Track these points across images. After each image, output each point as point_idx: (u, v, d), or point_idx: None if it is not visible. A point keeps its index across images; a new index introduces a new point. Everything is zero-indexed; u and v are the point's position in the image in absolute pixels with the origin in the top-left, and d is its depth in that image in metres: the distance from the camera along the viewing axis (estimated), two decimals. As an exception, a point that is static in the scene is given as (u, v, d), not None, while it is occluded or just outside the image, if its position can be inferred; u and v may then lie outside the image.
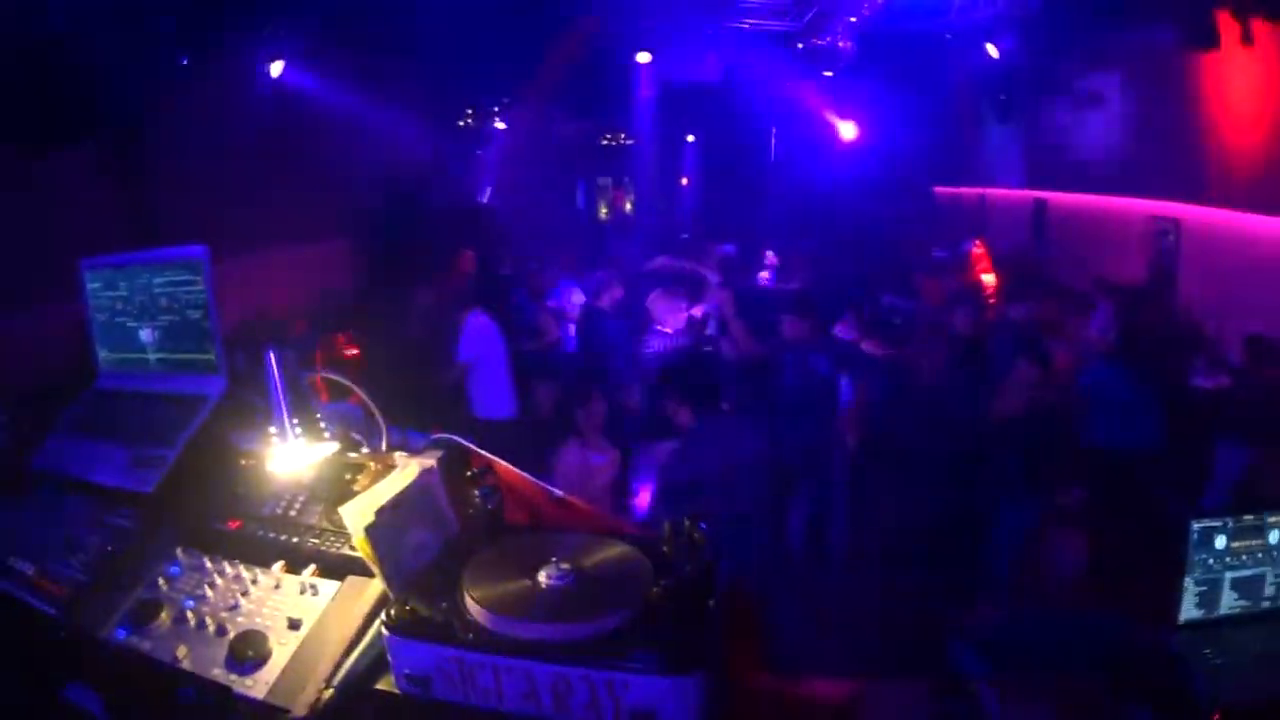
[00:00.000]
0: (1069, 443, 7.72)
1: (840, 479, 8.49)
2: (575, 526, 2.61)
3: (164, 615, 2.57)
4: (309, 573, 2.59)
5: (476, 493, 2.42)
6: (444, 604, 2.15)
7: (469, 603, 2.14)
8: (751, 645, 2.70)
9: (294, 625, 2.43)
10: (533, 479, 2.73)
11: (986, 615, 5.07)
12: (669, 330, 9.61)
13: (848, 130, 22.17)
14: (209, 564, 2.70)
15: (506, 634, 2.06)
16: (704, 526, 2.34)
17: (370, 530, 2.22)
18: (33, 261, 7.61)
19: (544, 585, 2.19)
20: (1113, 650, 3.31)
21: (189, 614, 2.54)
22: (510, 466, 2.73)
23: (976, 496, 7.33)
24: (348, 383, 2.84)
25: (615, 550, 2.33)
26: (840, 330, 9.53)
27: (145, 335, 3.38)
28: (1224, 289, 11.84)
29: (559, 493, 2.70)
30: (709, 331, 10.58)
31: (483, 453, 2.67)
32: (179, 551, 2.78)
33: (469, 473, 2.48)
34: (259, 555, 2.71)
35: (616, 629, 2.07)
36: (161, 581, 2.70)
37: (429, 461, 2.59)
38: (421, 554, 2.36)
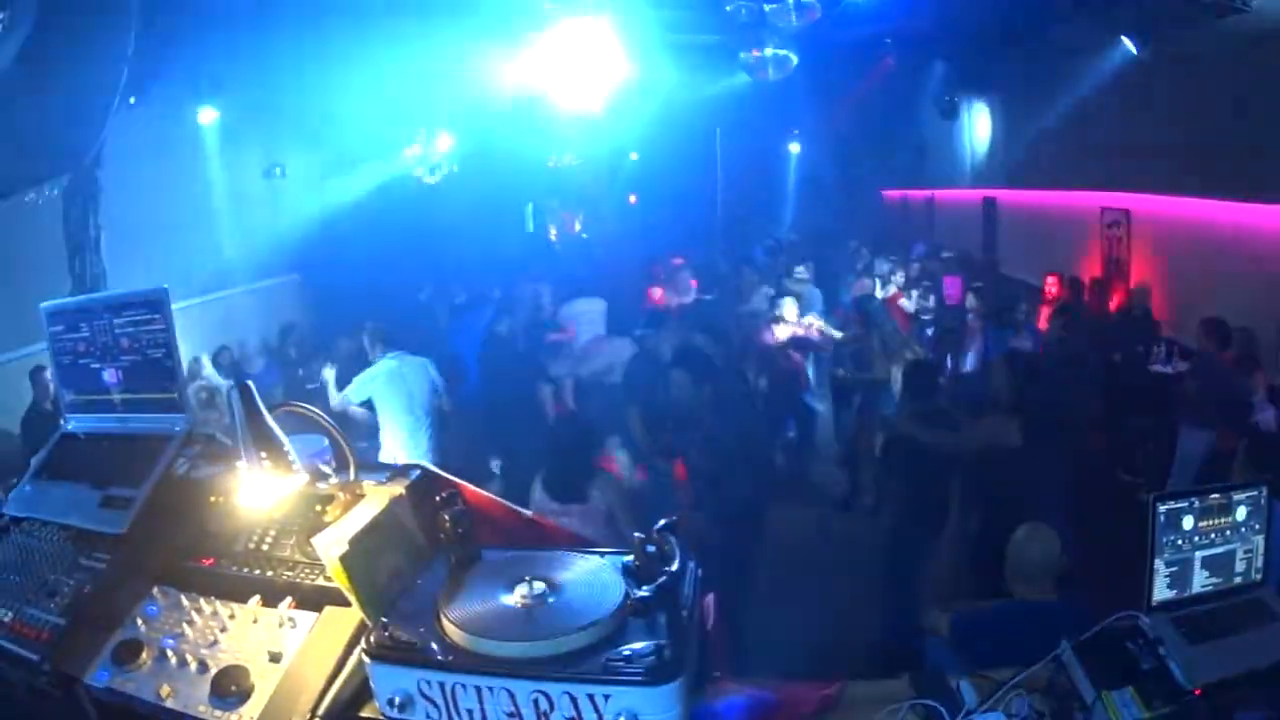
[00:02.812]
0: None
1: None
2: (546, 545, 2.65)
3: (145, 655, 2.59)
4: (286, 605, 2.62)
5: (446, 517, 2.45)
6: (422, 628, 2.18)
7: (447, 625, 2.18)
8: (726, 651, 2.74)
9: (275, 658, 2.46)
10: (501, 501, 2.77)
11: (960, 610, 5.09)
12: None
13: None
14: (186, 602, 2.72)
15: (486, 654, 2.10)
16: (673, 539, 2.39)
17: (345, 559, 2.25)
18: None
19: (520, 604, 2.23)
20: (1087, 636, 3.28)
21: (169, 653, 2.57)
22: (478, 490, 2.76)
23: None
24: (315, 413, 2.86)
25: (587, 565, 2.38)
26: None
27: (109, 376, 3.39)
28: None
29: (528, 513, 2.75)
30: None
31: (449, 477, 2.70)
32: (155, 591, 2.81)
33: (438, 497, 2.51)
34: (235, 591, 2.73)
35: (594, 642, 2.12)
36: (140, 621, 2.72)
37: (398, 489, 2.62)
38: (396, 580, 2.40)
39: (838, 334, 11.39)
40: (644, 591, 2.21)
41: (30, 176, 8.39)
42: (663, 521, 2.42)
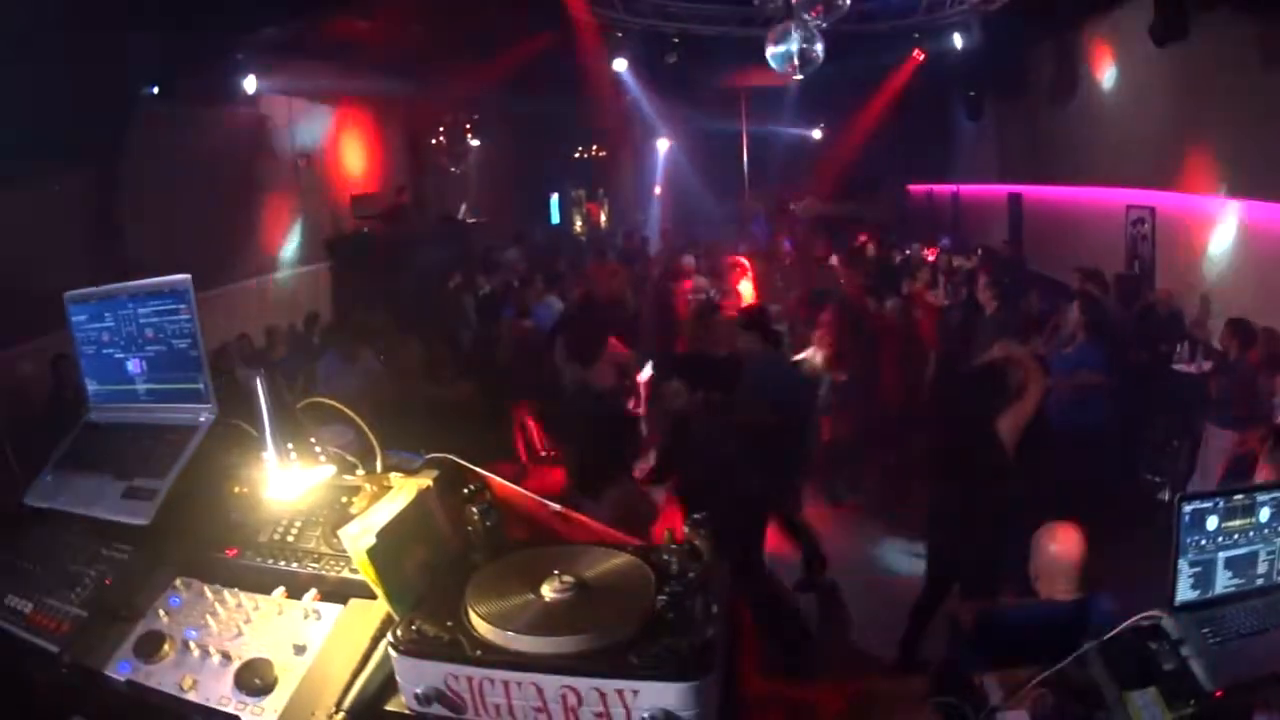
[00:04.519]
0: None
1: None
2: (575, 539, 2.61)
3: (167, 647, 2.56)
4: (310, 597, 2.59)
5: (474, 510, 2.42)
6: (449, 622, 2.15)
7: (474, 619, 2.14)
8: (754, 647, 2.71)
9: (299, 651, 2.42)
10: (529, 494, 2.73)
11: (983, 608, 5.07)
12: None
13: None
14: (209, 593, 2.69)
15: (514, 649, 2.06)
16: (705, 534, 2.35)
17: (372, 552, 2.22)
18: (11, 296, 7.57)
19: (548, 598, 2.19)
20: (1110, 636, 3.28)
21: (192, 645, 2.54)
22: (506, 483, 2.73)
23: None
24: (338, 405, 2.83)
25: (617, 560, 2.34)
26: None
27: (133, 366, 3.37)
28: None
29: (556, 506, 2.70)
30: None
31: (478, 470, 2.67)
32: (178, 582, 2.78)
33: (466, 490, 2.48)
34: (259, 582, 2.70)
35: (623, 638, 2.08)
36: (162, 613, 2.70)
37: (425, 481, 2.59)
38: (423, 573, 2.36)
39: None
40: (676, 587, 2.17)
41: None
42: (695, 516, 2.38)
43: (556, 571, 2.23)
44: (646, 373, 8.19)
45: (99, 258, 9.68)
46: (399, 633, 2.14)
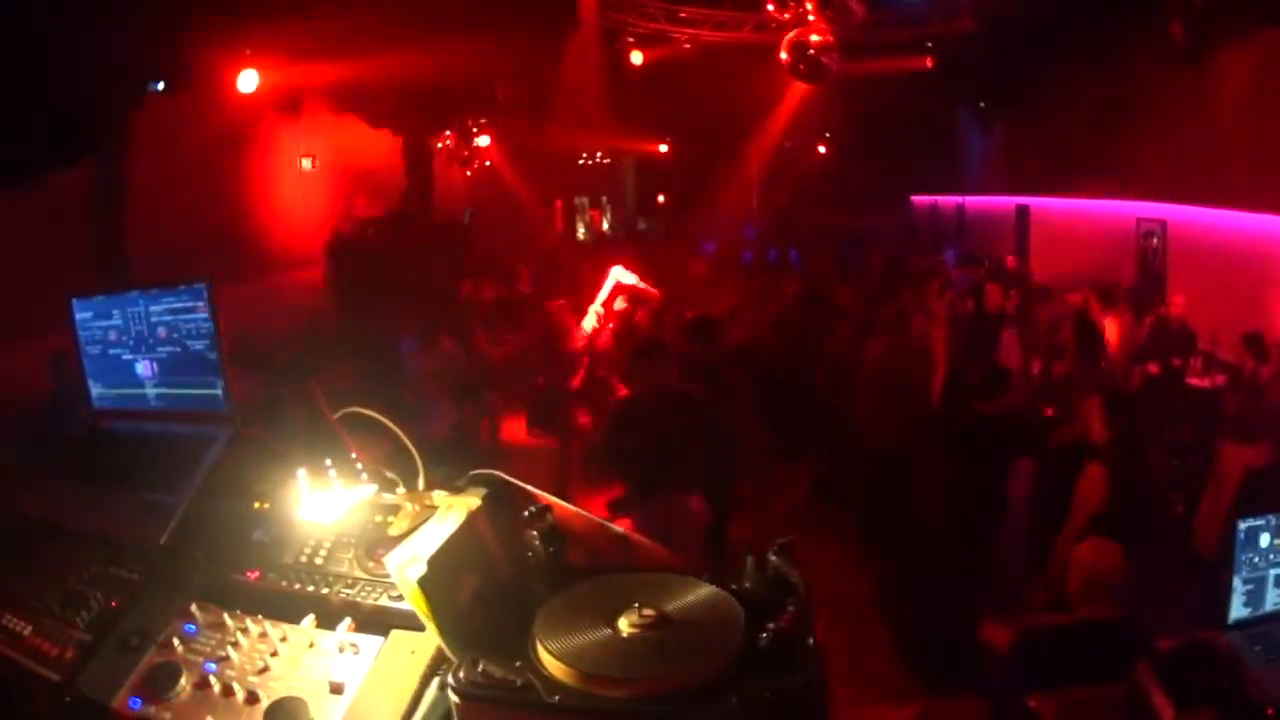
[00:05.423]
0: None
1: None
2: (641, 565, 2.34)
3: (184, 681, 2.29)
4: (345, 628, 2.31)
5: (535, 534, 2.15)
6: (518, 662, 1.87)
7: (546, 659, 1.87)
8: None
9: (336, 690, 2.15)
10: (586, 514, 2.46)
11: (1020, 629, 4.94)
12: None
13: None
14: (229, 621, 2.42)
15: (598, 691, 1.80)
16: (789, 561, 2.10)
17: (424, 582, 1.95)
18: (13, 290, 7.42)
19: (625, 633, 1.92)
20: (1165, 655, 3.30)
21: (212, 679, 2.27)
22: (560, 501, 2.46)
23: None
24: (379, 418, 2.55)
25: (701, 591, 2.06)
26: None
27: (143, 368, 3.12)
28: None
29: (618, 529, 2.44)
30: None
31: (534, 490, 2.40)
32: (193, 607, 2.49)
33: (526, 513, 2.20)
34: (285, 609, 2.42)
35: (716, 677, 1.82)
36: (176, 642, 2.42)
37: (474, 500, 2.31)
38: (478, 605, 2.09)
39: None
40: (778, 620, 1.91)
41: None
42: (780, 541, 2.12)
43: (636, 604, 1.96)
44: None
45: (99, 255, 9.55)
46: (461, 674, 1.86)
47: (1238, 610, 3.32)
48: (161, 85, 9.16)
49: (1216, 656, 3.19)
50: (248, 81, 11.59)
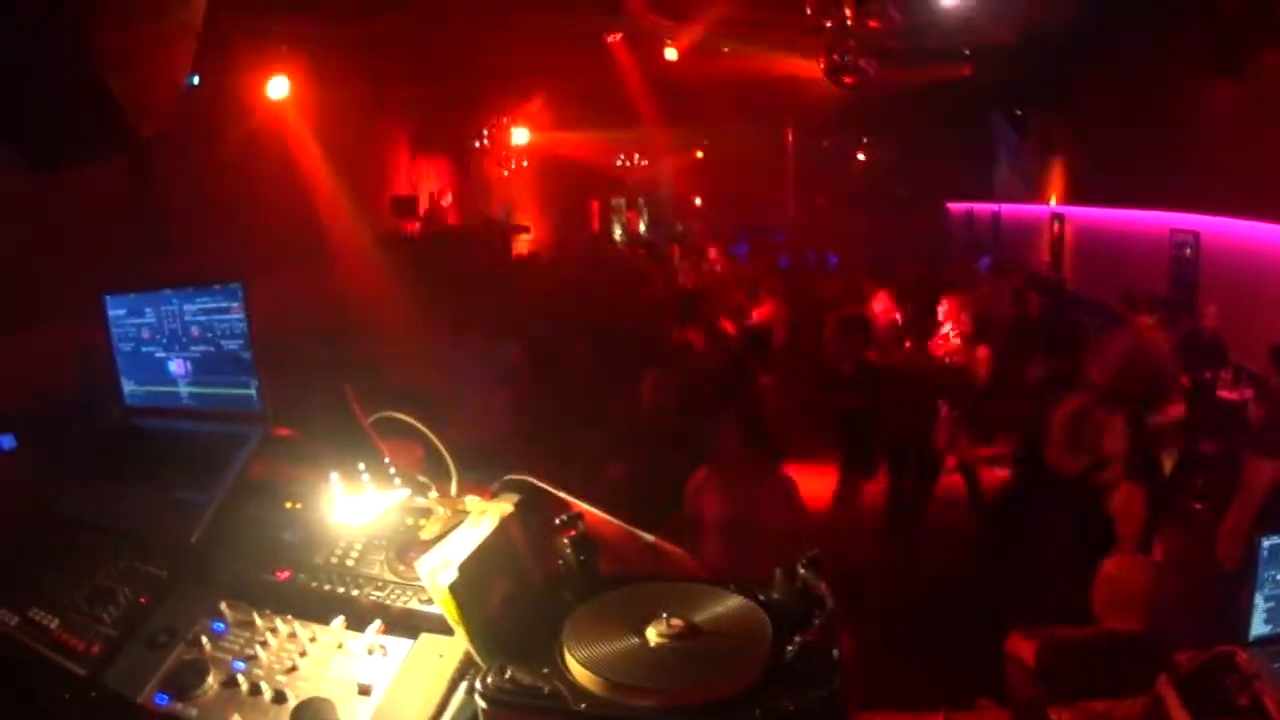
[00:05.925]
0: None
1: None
2: (671, 575, 2.33)
3: (211, 679, 2.30)
4: (374, 630, 2.31)
5: (567, 542, 2.15)
6: (545, 669, 1.87)
7: (574, 667, 1.87)
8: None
9: (364, 691, 2.15)
10: (617, 522, 2.45)
11: (1045, 641, 4.91)
12: None
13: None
14: (259, 620, 2.42)
15: (625, 700, 1.80)
16: (817, 574, 2.09)
17: (454, 588, 1.95)
18: (45, 280, 7.45)
19: (653, 643, 1.91)
20: (1185, 670, 3.28)
21: (240, 678, 2.27)
22: (593, 510, 2.45)
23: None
24: (410, 420, 2.56)
25: (730, 602, 2.05)
26: None
27: (175, 367, 3.13)
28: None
29: (649, 537, 2.43)
30: None
31: (567, 497, 2.39)
32: (222, 605, 2.50)
33: (558, 520, 2.20)
34: (315, 610, 2.43)
35: (743, 689, 1.81)
36: (205, 639, 2.42)
37: (506, 506, 2.31)
38: (506, 611, 2.09)
39: None
40: (807, 633, 1.90)
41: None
42: (809, 555, 2.11)
43: (664, 614, 1.95)
44: None
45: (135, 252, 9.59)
46: (489, 680, 1.86)
47: (1258, 627, 3.30)
48: (197, 80, 9.18)
49: (1236, 673, 3.15)
50: (278, 88, 11.68)
